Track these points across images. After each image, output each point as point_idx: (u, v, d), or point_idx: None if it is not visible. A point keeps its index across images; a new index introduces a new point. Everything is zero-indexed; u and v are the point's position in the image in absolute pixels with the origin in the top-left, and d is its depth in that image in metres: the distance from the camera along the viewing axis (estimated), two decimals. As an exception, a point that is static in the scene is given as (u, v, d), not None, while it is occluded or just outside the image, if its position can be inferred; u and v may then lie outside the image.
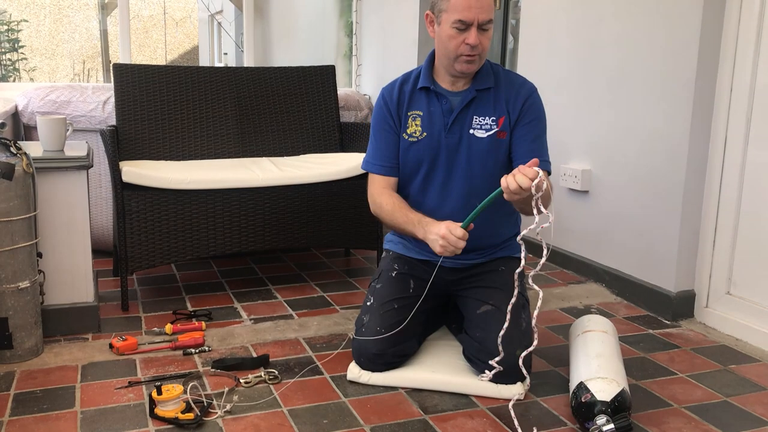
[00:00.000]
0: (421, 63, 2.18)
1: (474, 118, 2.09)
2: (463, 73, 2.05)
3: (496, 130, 2.08)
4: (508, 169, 2.13)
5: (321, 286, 2.93)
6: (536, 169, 1.71)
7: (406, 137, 2.15)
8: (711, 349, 2.36)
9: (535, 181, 1.69)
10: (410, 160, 2.15)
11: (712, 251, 2.57)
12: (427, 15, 2.07)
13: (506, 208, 2.18)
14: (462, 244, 1.88)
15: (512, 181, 1.70)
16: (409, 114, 2.14)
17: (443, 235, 1.89)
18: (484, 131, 2.08)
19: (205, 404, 1.87)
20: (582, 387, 1.79)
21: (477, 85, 2.08)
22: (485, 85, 2.08)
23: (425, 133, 2.12)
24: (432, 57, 2.13)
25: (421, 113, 2.13)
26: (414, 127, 2.13)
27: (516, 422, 1.81)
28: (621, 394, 1.74)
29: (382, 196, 2.15)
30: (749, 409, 1.94)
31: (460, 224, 1.89)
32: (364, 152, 2.27)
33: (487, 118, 2.08)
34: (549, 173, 2.12)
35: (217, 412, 1.86)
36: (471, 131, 2.09)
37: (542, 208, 1.75)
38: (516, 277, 2.12)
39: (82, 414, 1.85)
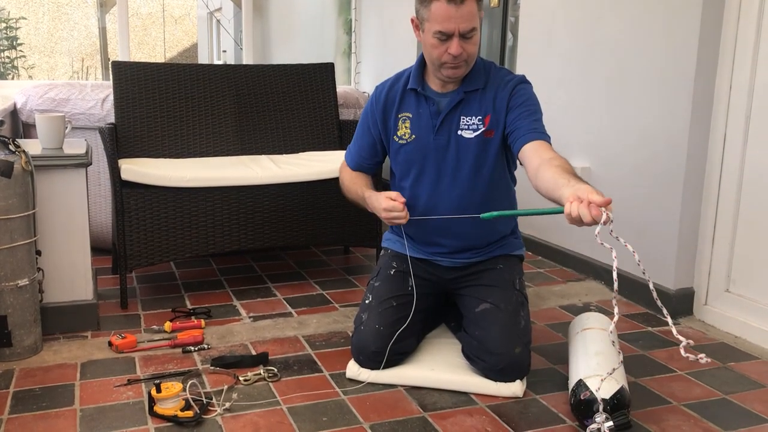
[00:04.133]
0: (420, 60, 2.17)
1: (461, 118, 2.08)
2: (450, 78, 2.04)
3: (483, 129, 2.07)
4: (502, 167, 2.12)
5: (320, 284, 2.93)
6: (604, 210, 1.52)
7: (397, 139, 2.15)
8: (710, 347, 2.36)
9: (598, 228, 1.55)
10: (400, 162, 2.16)
11: (711, 249, 2.57)
12: (413, 20, 2.05)
13: (498, 205, 2.18)
14: (398, 206, 1.99)
15: (575, 209, 1.54)
16: (399, 116, 2.14)
17: (384, 209, 2.02)
18: (471, 131, 2.07)
19: (205, 402, 1.87)
20: (581, 384, 1.79)
21: (466, 87, 2.07)
22: (474, 86, 2.06)
23: (414, 135, 2.12)
24: (423, 58, 2.12)
25: (410, 115, 2.13)
26: (404, 129, 2.13)
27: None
28: (620, 392, 1.74)
29: (343, 172, 2.32)
30: (748, 407, 1.95)
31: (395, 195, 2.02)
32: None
33: (473, 117, 2.07)
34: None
35: (216, 410, 1.86)
36: (459, 132, 2.08)
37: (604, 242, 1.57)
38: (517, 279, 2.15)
39: (82, 412, 1.85)
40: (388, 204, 2.01)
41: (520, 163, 2.00)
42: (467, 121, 2.07)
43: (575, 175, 1.73)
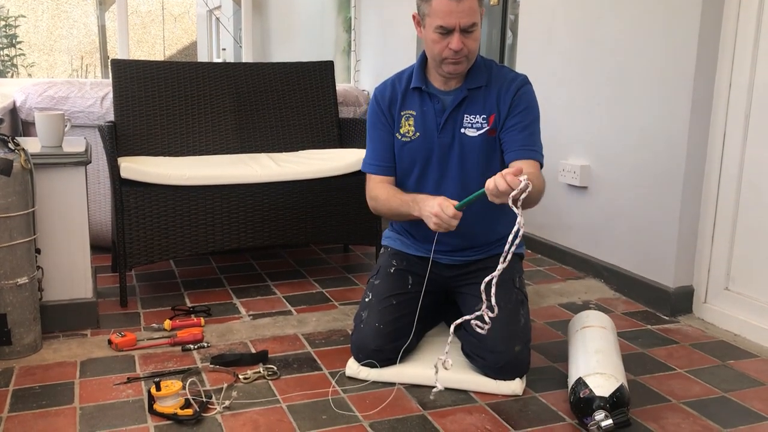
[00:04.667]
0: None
1: (465, 116, 2.08)
2: (451, 74, 2.04)
3: (487, 128, 2.07)
4: (503, 165, 2.13)
5: (320, 282, 2.93)
6: (521, 179, 1.69)
7: (399, 137, 2.14)
8: (709, 345, 2.36)
9: (513, 193, 1.69)
10: (404, 160, 2.15)
11: (711, 247, 2.57)
12: (414, 16, 2.05)
13: (502, 206, 2.18)
14: (455, 222, 1.88)
15: (491, 182, 1.72)
16: (402, 114, 2.14)
17: (436, 213, 1.89)
18: (475, 130, 2.08)
19: (204, 400, 1.87)
20: (581, 383, 1.79)
21: (469, 84, 2.07)
22: (477, 83, 2.07)
23: (418, 133, 2.12)
24: (424, 56, 2.12)
25: (414, 113, 2.13)
26: (407, 127, 2.13)
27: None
28: (619, 390, 1.74)
29: (376, 189, 2.18)
30: (747, 405, 1.95)
31: (455, 203, 1.89)
32: (363, 148, 2.28)
33: (477, 116, 2.08)
34: (541, 165, 2.10)
35: (216, 408, 1.86)
36: (462, 130, 2.08)
37: (517, 211, 1.73)
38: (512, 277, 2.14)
39: (81, 410, 1.86)
40: (438, 210, 1.88)
41: None
42: (471, 120, 2.07)
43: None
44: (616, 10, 2.78)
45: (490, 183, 1.73)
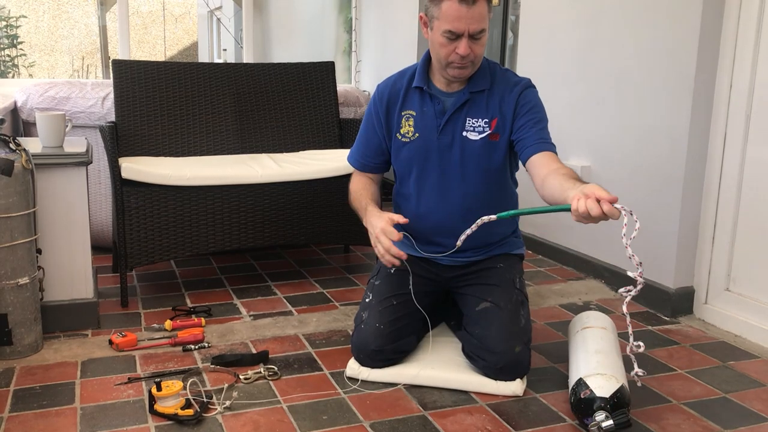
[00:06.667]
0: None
1: (467, 120, 2.08)
2: (456, 78, 2.04)
3: (489, 132, 2.07)
4: (505, 170, 2.13)
5: (320, 283, 2.93)
6: (617, 207, 1.58)
7: (399, 137, 2.14)
8: (710, 346, 2.36)
9: (627, 242, 1.61)
10: (403, 160, 2.16)
11: (712, 248, 2.57)
12: (421, 17, 2.05)
13: (501, 206, 2.18)
14: (391, 247, 1.92)
15: (582, 204, 1.58)
16: (402, 114, 2.14)
17: (377, 234, 1.96)
18: (477, 133, 2.07)
19: (205, 400, 1.88)
20: (581, 383, 1.79)
21: (471, 87, 2.07)
22: (480, 87, 2.07)
23: (417, 134, 2.12)
24: (428, 56, 2.12)
25: (414, 113, 2.12)
26: (407, 127, 2.13)
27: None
28: (620, 391, 1.74)
29: (353, 182, 2.26)
30: (748, 405, 1.95)
31: (401, 221, 1.95)
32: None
33: (479, 119, 2.07)
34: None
35: (216, 408, 1.86)
36: (464, 133, 2.08)
37: (634, 261, 1.66)
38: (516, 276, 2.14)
39: (82, 410, 1.86)
40: (379, 231, 1.94)
41: (526, 170, 2.01)
42: (473, 123, 2.07)
43: (581, 180, 1.79)
44: (617, 10, 2.78)
45: (581, 206, 1.59)
